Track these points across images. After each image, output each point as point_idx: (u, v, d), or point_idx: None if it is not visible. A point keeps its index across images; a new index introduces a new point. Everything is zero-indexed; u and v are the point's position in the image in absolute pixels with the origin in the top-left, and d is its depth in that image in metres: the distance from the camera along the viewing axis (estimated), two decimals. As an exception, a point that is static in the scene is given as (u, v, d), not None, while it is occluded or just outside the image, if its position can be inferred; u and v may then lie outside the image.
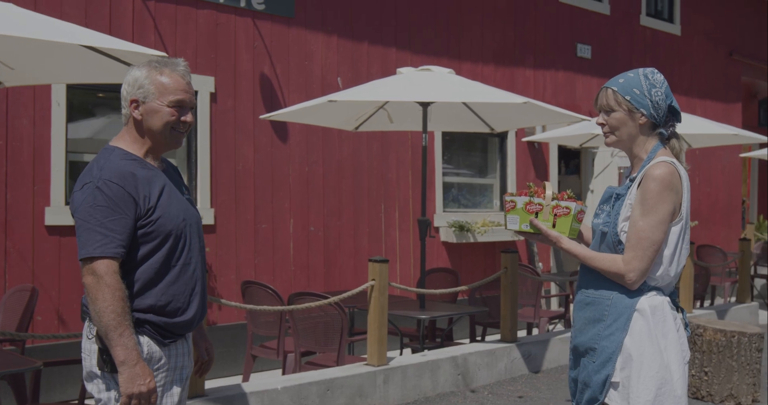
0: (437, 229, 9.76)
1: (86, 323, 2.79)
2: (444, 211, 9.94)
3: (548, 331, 8.64)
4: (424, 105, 7.15)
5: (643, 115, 2.92)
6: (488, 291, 8.06)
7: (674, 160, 2.88)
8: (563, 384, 7.02)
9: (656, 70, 2.98)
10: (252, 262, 8.09)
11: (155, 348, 2.79)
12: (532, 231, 3.05)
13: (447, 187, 10.15)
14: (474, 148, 10.64)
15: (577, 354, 3.03)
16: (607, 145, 3.04)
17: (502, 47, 10.60)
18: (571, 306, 9.17)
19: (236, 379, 6.84)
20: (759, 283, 13.67)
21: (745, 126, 14.67)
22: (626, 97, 2.92)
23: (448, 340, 7.79)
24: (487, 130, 8.28)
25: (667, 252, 2.86)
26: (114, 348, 2.62)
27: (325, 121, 7.87)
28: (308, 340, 6.32)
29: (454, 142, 10.27)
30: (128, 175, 2.72)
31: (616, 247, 2.91)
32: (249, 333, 6.79)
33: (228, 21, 8.00)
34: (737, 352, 6.35)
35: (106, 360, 2.68)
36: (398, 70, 7.45)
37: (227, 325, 7.81)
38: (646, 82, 2.92)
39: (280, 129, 8.37)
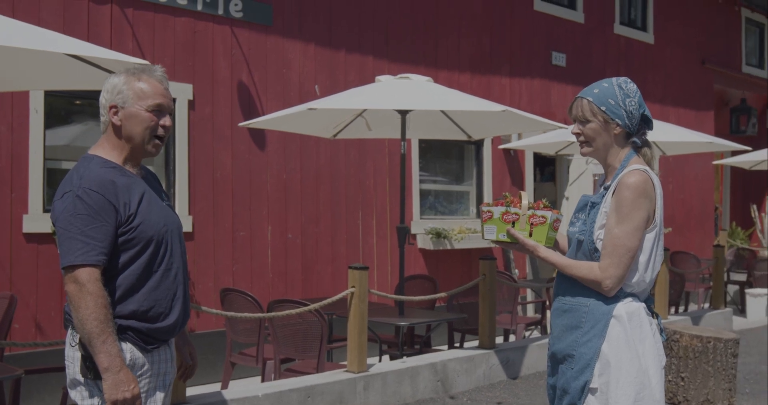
0: (414, 236, 9.79)
1: (69, 331, 2.80)
2: (421, 219, 9.98)
3: (525, 337, 8.70)
4: (403, 113, 7.19)
5: (618, 125, 2.95)
6: (466, 298, 8.10)
7: (647, 168, 2.91)
8: (541, 390, 7.07)
9: (629, 80, 3.01)
10: (230, 269, 8.08)
11: (138, 354, 2.81)
12: (509, 240, 3.09)
13: (424, 195, 10.19)
14: (450, 156, 10.70)
15: (555, 361, 3.06)
16: (583, 154, 3.08)
17: (479, 55, 10.67)
18: (548, 312, 9.24)
19: (215, 387, 6.82)
20: (732, 289, 13.83)
21: (718, 133, 14.85)
22: (602, 108, 2.94)
23: (426, 346, 7.82)
24: (464, 137, 8.33)
25: (642, 258, 2.90)
26: (97, 355, 2.63)
27: (303, 128, 7.89)
28: (288, 347, 6.32)
29: (431, 149, 10.32)
30: (108, 183, 2.73)
31: (593, 254, 2.95)
32: (228, 340, 6.78)
33: (206, 28, 8.00)
34: (713, 357, 6.43)
35: (89, 367, 2.69)
36: (377, 78, 7.48)
37: (206, 332, 7.79)
38: (621, 92, 2.95)
39: (258, 136, 8.37)
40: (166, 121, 2.87)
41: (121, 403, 2.66)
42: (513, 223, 3.06)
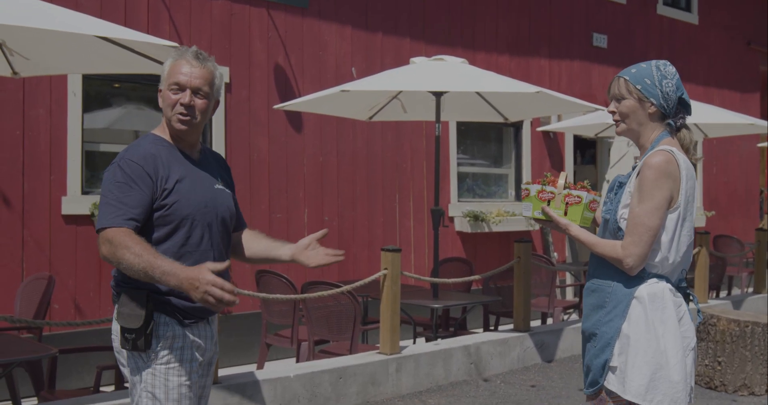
0: (452, 219, 9.77)
1: (116, 306, 2.85)
2: (459, 201, 9.95)
3: (563, 320, 8.65)
4: (437, 95, 7.16)
5: (652, 104, 2.97)
6: (502, 281, 8.07)
7: (673, 149, 2.92)
8: (576, 373, 7.03)
9: (668, 63, 3.03)
10: (267, 251, 8.13)
11: (177, 327, 2.85)
12: (544, 218, 3.15)
13: (462, 177, 10.15)
14: (489, 138, 10.64)
15: (584, 339, 3.11)
16: (618, 133, 3.10)
17: (517, 37, 10.57)
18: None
19: (251, 368, 6.89)
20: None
21: (764, 116, 14.56)
22: (637, 86, 2.99)
23: (461, 329, 7.82)
24: (500, 119, 8.27)
25: (665, 238, 2.92)
26: (162, 280, 2.60)
27: (338, 111, 7.90)
28: (321, 329, 6.36)
29: (470, 132, 10.27)
30: (149, 156, 2.82)
31: (616, 233, 2.99)
32: (263, 322, 6.85)
33: (242, 11, 8.03)
34: (751, 342, 6.34)
35: (128, 338, 2.75)
36: (412, 59, 7.45)
37: (242, 313, 7.87)
38: (658, 73, 2.98)
39: (295, 119, 8.40)
40: (183, 98, 2.87)
41: (206, 295, 2.54)
42: (549, 201, 3.13)
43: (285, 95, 8.28)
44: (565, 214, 3.11)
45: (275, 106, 7.66)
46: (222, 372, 5.52)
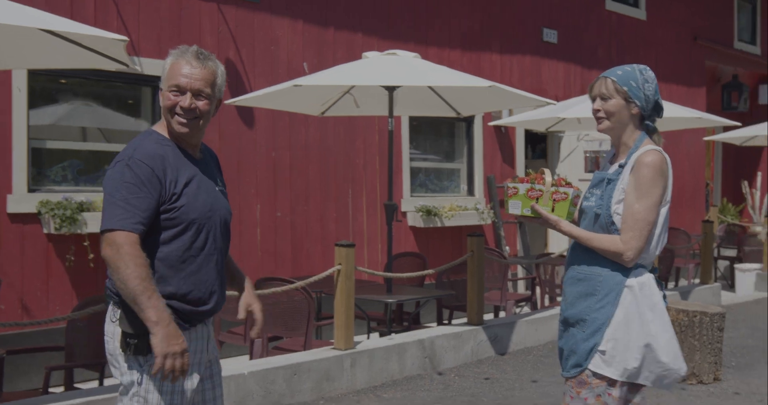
0: (405, 214, 9.79)
1: (110, 306, 2.84)
2: (411, 196, 9.97)
3: (515, 313, 8.72)
4: (390, 89, 7.15)
5: (636, 105, 3.20)
6: (455, 275, 8.11)
7: (661, 149, 3.18)
8: (529, 365, 7.10)
9: (648, 68, 3.26)
10: (219, 248, 8.06)
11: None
12: (533, 215, 3.28)
13: (414, 172, 10.17)
14: (441, 133, 10.67)
15: (567, 325, 3.28)
16: (599, 130, 3.29)
17: (469, 32, 10.62)
18: (537, 289, 9.27)
19: (204, 365, 6.83)
20: (722, 264, 13.88)
21: (709, 110, 14.81)
22: (624, 88, 3.19)
23: (415, 323, 7.84)
24: (453, 114, 8.30)
25: (656, 231, 3.16)
26: (145, 311, 2.64)
27: (291, 106, 7.85)
28: (275, 326, 6.32)
29: (422, 126, 10.29)
30: (158, 158, 2.79)
31: (609, 227, 3.18)
32: (216, 319, 6.78)
33: (192, 6, 7.94)
34: (699, 331, 6.45)
35: (129, 343, 2.73)
36: (364, 54, 7.44)
37: (194, 311, 7.78)
38: (641, 77, 3.20)
39: (246, 115, 8.33)
40: (183, 100, 2.84)
41: (171, 356, 2.67)
42: (537, 199, 3.25)
43: (236, 90, 8.20)
44: (552, 210, 3.24)
45: (226, 102, 7.59)
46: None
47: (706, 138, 14.74)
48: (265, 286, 6.18)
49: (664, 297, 3.24)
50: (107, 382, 5.38)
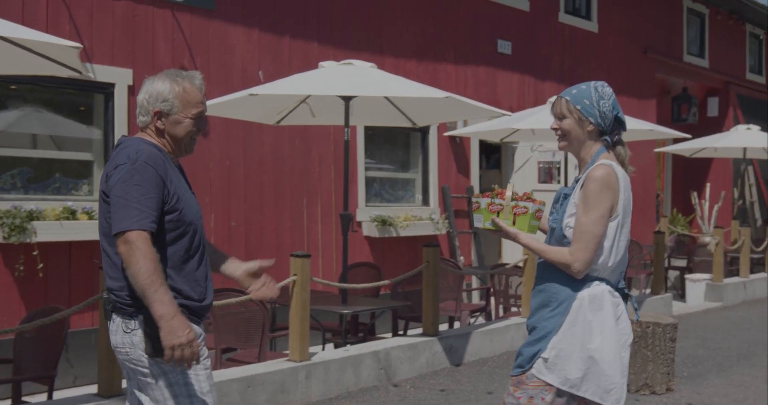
0: (360, 224, 9.76)
1: (120, 320, 2.96)
2: (367, 206, 9.95)
3: (469, 324, 8.73)
4: (347, 99, 7.13)
5: (591, 123, 3.28)
6: (410, 285, 8.10)
7: (612, 163, 3.24)
8: (485, 376, 7.11)
9: (606, 84, 3.35)
10: (172, 258, 7.95)
11: (196, 326, 3.02)
12: (494, 228, 3.40)
13: (369, 182, 10.15)
14: (396, 143, 10.68)
15: (528, 333, 3.42)
16: (560, 149, 3.43)
17: (424, 43, 10.65)
18: (492, 299, 9.30)
19: (156, 378, 6.72)
20: (673, 274, 14.08)
21: (660, 122, 15.04)
22: (577, 107, 3.29)
23: (370, 334, 7.80)
24: (409, 124, 8.30)
25: (606, 244, 3.21)
26: (152, 305, 2.78)
27: (246, 115, 7.79)
28: (229, 337, 6.25)
29: (377, 136, 10.28)
30: (159, 160, 2.96)
31: (562, 240, 3.28)
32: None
33: (146, 12, 7.84)
34: (652, 342, 6.52)
35: (157, 346, 2.85)
36: (320, 64, 7.41)
37: (146, 322, 7.66)
38: (596, 94, 3.29)
39: (201, 123, 8.23)
40: (203, 125, 3.15)
41: (178, 347, 2.79)
42: (498, 212, 3.39)
43: (190, 98, 8.10)
44: (514, 223, 3.37)
45: (180, 110, 7.49)
46: (124, 383, 5.35)
47: (657, 150, 14.97)
48: (219, 297, 6.09)
49: (636, 309, 3.37)
50: (57, 395, 5.26)
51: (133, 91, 7.70)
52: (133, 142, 3.01)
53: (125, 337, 2.94)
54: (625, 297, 3.31)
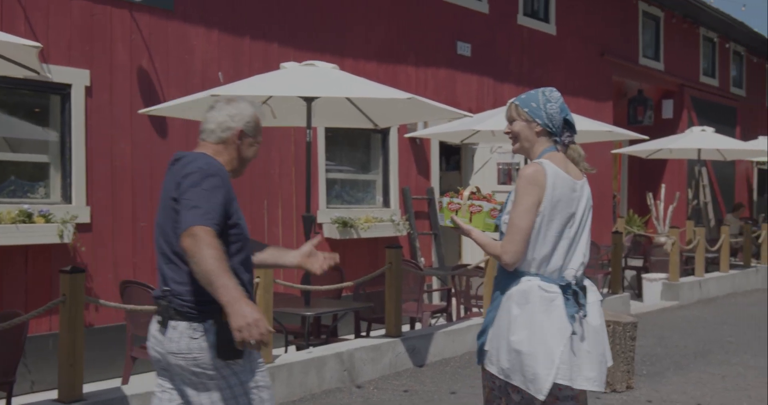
0: (321, 226, 9.74)
1: (184, 325, 3.02)
2: (327, 208, 9.92)
3: (431, 325, 8.75)
4: (308, 100, 7.11)
5: (538, 124, 3.47)
6: (372, 286, 8.10)
7: (544, 161, 3.40)
8: (447, 377, 7.13)
9: (554, 89, 3.54)
10: (131, 261, 7.86)
11: None
12: (453, 225, 3.65)
13: (330, 184, 10.13)
14: (357, 145, 10.67)
15: None
16: (513, 151, 3.63)
17: (385, 44, 10.66)
18: (453, 300, 9.33)
19: (115, 382, 6.63)
20: (629, 274, 14.25)
21: (616, 123, 15.21)
22: (525, 110, 3.49)
23: (333, 336, 7.79)
24: (370, 126, 8.30)
25: (532, 238, 3.36)
26: (218, 290, 2.84)
27: (206, 116, 7.71)
28: (191, 340, 6.17)
29: (337, 138, 10.26)
30: (226, 176, 3.15)
31: (501, 236, 3.51)
32: (129, 334, 6.60)
33: (104, 12, 7.73)
34: (612, 340, 6.58)
35: (230, 349, 2.95)
36: (282, 64, 7.37)
37: (105, 326, 7.56)
38: (543, 98, 3.49)
39: (159, 124, 8.16)
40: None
41: (246, 328, 2.83)
42: (456, 211, 3.65)
43: (149, 99, 8.02)
44: (470, 221, 3.61)
45: (140, 111, 7.42)
46: (86, 388, 5.27)
47: (613, 151, 15.15)
48: (180, 300, 6.03)
49: (583, 306, 3.37)
50: (15, 401, 5.17)
51: (90, 92, 7.59)
52: (200, 156, 3.16)
53: (192, 342, 3.01)
54: (576, 294, 3.38)
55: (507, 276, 3.42)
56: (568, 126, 3.52)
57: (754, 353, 8.45)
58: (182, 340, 3.02)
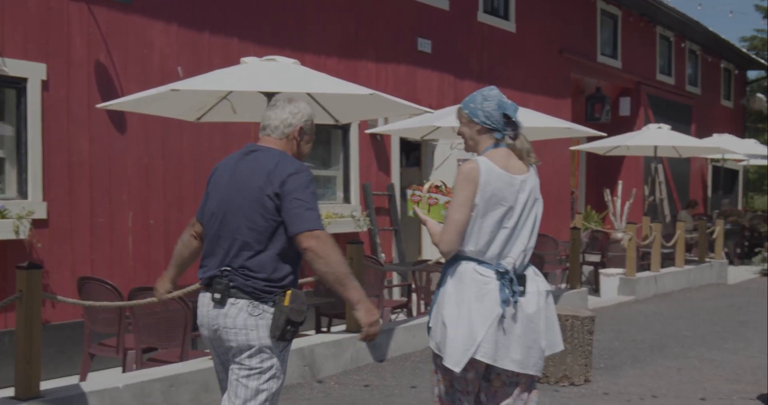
0: (281, 222, 9.69)
1: (244, 302, 3.30)
2: (288, 203, 9.87)
3: (391, 320, 8.78)
4: (269, 95, 7.07)
5: (476, 123, 3.72)
6: (333, 282, 8.07)
7: (479, 158, 3.66)
8: (407, 371, 7.16)
9: (494, 87, 3.79)
10: (88, 257, 7.78)
11: None
12: (415, 216, 3.96)
13: (291, 179, 10.07)
14: (317, 140, 10.55)
15: None
16: (466, 151, 3.88)
17: (345, 40, 10.65)
18: (414, 295, 9.37)
19: (73, 379, 6.56)
20: (587, 269, 14.41)
21: (574, 120, 15.34)
22: (465, 111, 3.76)
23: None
24: (331, 121, 8.28)
25: (468, 229, 3.63)
26: (349, 291, 3.28)
27: (165, 111, 7.64)
28: (150, 337, 6.15)
29: (298, 133, 10.22)
30: None
31: None
32: (86, 331, 6.54)
33: (60, 5, 7.63)
34: (571, 334, 6.66)
35: (288, 330, 3.30)
36: (242, 59, 7.33)
37: (62, 323, 7.47)
38: (481, 97, 3.72)
39: (118, 119, 8.08)
40: None
41: (375, 324, 3.32)
42: (418, 203, 3.93)
43: (107, 94, 7.93)
44: (429, 212, 3.88)
45: (98, 105, 7.34)
46: (43, 385, 5.21)
47: (572, 148, 15.30)
48: (139, 295, 6.00)
49: (515, 293, 3.61)
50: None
51: (47, 86, 7.49)
52: (280, 152, 3.49)
53: (249, 319, 3.29)
54: (510, 281, 3.63)
55: (450, 261, 3.71)
56: (509, 121, 3.72)
57: (709, 346, 8.60)
58: (239, 316, 3.30)
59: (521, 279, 3.67)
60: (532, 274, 3.76)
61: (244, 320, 3.29)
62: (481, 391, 3.76)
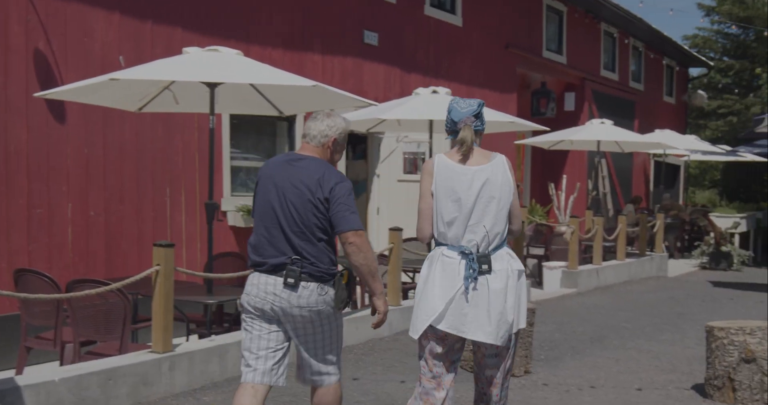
0: (225, 214, 9.64)
1: (314, 285, 4.04)
2: (232, 196, 9.82)
3: (336, 313, 8.76)
4: (212, 86, 7.01)
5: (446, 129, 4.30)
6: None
7: (437, 154, 4.19)
8: (350, 363, 7.16)
9: (455, 97, 4.34)
10: (26, 248, 7.63)
11: None
12: None
13: (235, 171, 10.03)
14: (262, 132, 10.58)
15: None
16: None
17: (291, 32, 10.59)
18: (358, 288, 9.36)
19: (9, 373, 6.43)
20: (531, 262, 14.56)
21: (520, 115, 15.50)
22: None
23: (236, 324, 7.71)
24: (275, 113, 8.24)
25: (434, 217, 4.13)
26: (375, 283, 4.11)
27: (106, 100, 7.53)
28: (88, 329, 6.06)
29: (243, 125, 10.16)
30: None
31: None
32: (23, 324, 6.41)
33: (-3, -9, 7.46)
34: (511, 327, 6.72)
35: (347, 302, 4.15)
36: (184, 49, 7.25)
37: (-2, 316, 7.33)
38: (449, 107, 4.25)
39: (57, 109, 7.93)
40: None
41: (385, 313, 4.17)
42: None
43: (46, 83, 7.78)
44: None
45: (36, 94, 7.19)
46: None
47: (517, 142, 15.43)
48: (77, 288, 5.91)
49: (474, 270, 3.99)
50: None
51: (-17, 73, 7.31)
52: (324, 162, 4.15)
53: (320, 297, 4.06)
54: (471, 259, 4.01)
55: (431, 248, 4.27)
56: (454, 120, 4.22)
57: (648, 338, 8.76)
58: (312, 296, 4.04)
59: (485, 258, 4.02)
60: (505, 255, 4.12)
61: (315, 299, 4.05)
62: (474, 363, 4.25)
